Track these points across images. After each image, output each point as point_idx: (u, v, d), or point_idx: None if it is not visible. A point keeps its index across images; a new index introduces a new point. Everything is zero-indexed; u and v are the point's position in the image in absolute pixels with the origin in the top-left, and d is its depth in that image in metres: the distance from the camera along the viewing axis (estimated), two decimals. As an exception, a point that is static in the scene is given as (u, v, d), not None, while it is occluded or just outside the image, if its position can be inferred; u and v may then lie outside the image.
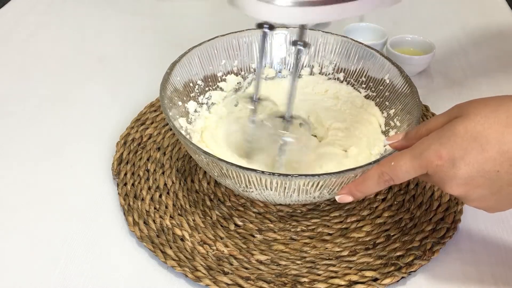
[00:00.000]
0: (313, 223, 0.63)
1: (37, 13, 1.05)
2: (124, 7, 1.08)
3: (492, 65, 0.90)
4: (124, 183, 0.66)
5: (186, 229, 0.61)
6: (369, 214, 0.64)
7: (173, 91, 0.66)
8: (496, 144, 0.45)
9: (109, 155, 0.72)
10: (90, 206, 0.65)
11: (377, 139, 0.68)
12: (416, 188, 0.66)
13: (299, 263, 0.58)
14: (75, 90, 0.85)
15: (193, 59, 0.70)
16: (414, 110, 0.62)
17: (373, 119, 0.70)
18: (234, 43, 0.73)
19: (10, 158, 0.72)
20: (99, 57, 0.93)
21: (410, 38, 0.88)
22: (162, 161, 0.70)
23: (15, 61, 0.92)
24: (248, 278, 0.56)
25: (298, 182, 0.53)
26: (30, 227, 0.63)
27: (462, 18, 1.04)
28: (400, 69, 0.67)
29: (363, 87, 0.73)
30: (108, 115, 0.79)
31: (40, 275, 0.57)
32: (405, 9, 1.07)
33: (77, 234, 0.62)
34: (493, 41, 0.97)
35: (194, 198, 0.65)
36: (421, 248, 0.59)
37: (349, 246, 0.60)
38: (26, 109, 0.81)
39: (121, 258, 0.59)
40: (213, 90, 0.73)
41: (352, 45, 0.73)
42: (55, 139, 0.75)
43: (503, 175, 0.45)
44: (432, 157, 0.46)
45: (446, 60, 0.91)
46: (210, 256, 0.59)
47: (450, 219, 0.62)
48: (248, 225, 0.62)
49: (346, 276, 0.56)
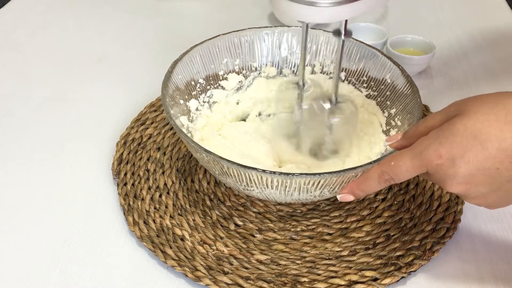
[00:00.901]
0: (313, 223, 0.63)
1: (37, 13, 1.05)
2: (124, 7, 1.08)
3: (492, 65, 0.90)
4: (124, 183, 0.66)
5: (186, 229, 0.61)
6: (369, 214, 0.64)
7: (175, 90, 0.66)
8: (496, 141, 0.45)
9: (109, 155, 0.72)
10: (90, 206, 0.65)
11: (378, 138, 0.68)
12: (416, 188, 0.66)
13: (299, 263, 0.58)
14: (75, 90, 0.85)
15: (194, 58, 0.70)
16: (415, 109, 0.62)
17: (374, 118, 0.70)
18: (236, 41, 0.73)
19: (10, 158, 0.72)
20: (99, 57, 0.93)
21: (410, 38, 0.88)
22: (162, 161, 0.70)
23: (15, 61, 0.92)
24: (248, 278, 0.56)
25: (298, 181, 0.53)
26: (30, 227, 0.63)
27: (462, 18, 1.05)
28: (401, 68, 0.67)
29: (364, 87, 0.73)
30: (108, 115, 0.79)
31: (40, 275, 0.57)
32: (405, 9, 1.07)
33: (77, 234, 0.62)
34: (493, 41, 0.97)
35: (194, 198, 0.65)
36: (421, 248, 0.59)
37: (349, 246, 0.60)
38: (26, 109, 0.81)
39: (121, 258, 0.59)
40: (214, 89, 0.73)
41: (353, 45, 0.73)
42: (55, 139, 0.75)
43: (503, 172, 0.45)
44: (432, 156, 0.46)
45: (446, 60, 0.91)
46: (210, 256, 0.59)
47: (450, 219, 0.62)
48: (248, 225, 0.62)
49: (346, 276, 0.56)
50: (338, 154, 0.66)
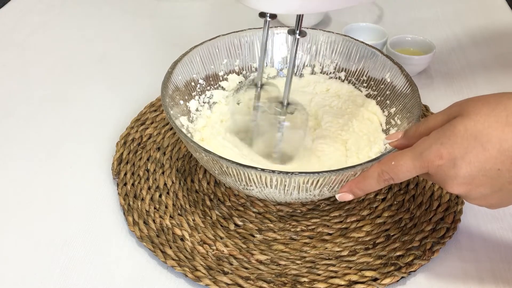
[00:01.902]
0: (313, 223, 0.63)
1: (37, 13, 1.05)
2: (124, 7, 1.08)
3: (492, 65, 0.90)
4: (124, 183, 0.66)
5: (186, 229, 0.61)
6: (369, 214, 0.64)
7: (175, 90, 0.66)
8: (497, 142, 0.45)
9: (109, 155, 0.72)
10: (90, 206, 0.65)
11: (378, 137, 0.68)
12: (416, 188, 0.66)
13: (299, 263, 0.58)
14: (75, 90, 0.85)
15: (194, 58, 0.70)
16: (415, 108, 0.62)
17: (374, 117, 0.70)
18: (235, 42, 0.73)
19: (10, 158, 0.72)
20: (99, 57, 0.93)
21: (410, 38, 0.88)
22: (162, 161, 0.70)
23: (15, 61, 0.92)
24: (248, 278, 0.56)
25: (298, 179, 0.53)
26: (30, 227, 0.63)
27: (462, 18, 1.04)
28: (401, 67, 0.68)
29: (364, 86, 0.73)
30: (108, 115, 0.79)
31: (40, 275, 0.57)
32: (405, 9, 1.07)
33: (77, 234, 0.62)
34: (493, 41, 0.97)
35: (194, 198, 0.65)
36: (421, 248, 0.59)
37: (349, 246, 0.60)
38: (26, 109, 0.81)
39: (121, 258, 0.59)
40: (214, 89, 0.73)
41: (353, 44, 0.73)
42: (55, 139, 0.75)
43: (504, 173, 0.45)
44: (433, 157, 0.46)
45: (446, 60, 0.91)
46: (210, 256, 0.59)
47: (450, 219, 0.62)
48: (248, 225, 0.62)
49: (346, 276, 0.56)
50: (291, 161, 0.66)
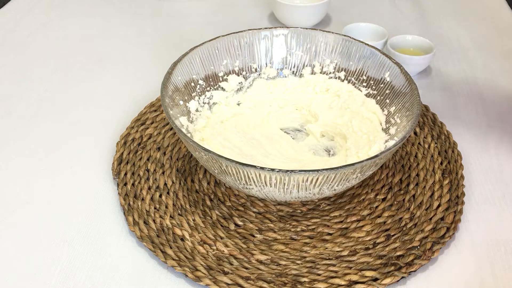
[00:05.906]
0: (313, 223, 0.63)
1: (37, 13, 1.05)
2: (124, 7, 1.08)
3: (492, 65, 0.90)
4: (124, 183, 0.66)
5: (186, 229, 0.61)
6: (369, 214, 0.64)
7: (174, 91, 0.66)
8: None
9: (109, 155, 0.72)
10: (90, 206, 0.65)
11: (377, 136, 0.68)
12: (416, 188, 0.66)
13: (299, 263, 0.58)
14: (75, 90, 0.85)
15: (194, 59, 0.70)
16: (414, 107, 0.62)
17: (373, 117, 0.70)
18: (235, 43, 0.73)
19: (10, 158, 0.72)
20: (99, 57, 0.93)
21: (410, 38, 0.88)
22: (162, 161, 0.70)
23: (15, 61, 0.92)
24: (248, 278, 0.56)
25: (297, 178, 0.53)
26: (30, 227, 0.63)
27: (462, 18, 1.05)
28: (400, 67, 0.68)
29: (363, 86, 0.73)
30: (108, 115, 0.79)
31: (40, 275, 0.57)
32: (405, 9, 1.07)
33: (77, 234, 0.62)
34: (493, 41, 0.97)
35: (194, 198, 0.65)
36: (421, 248, 0.59)
37: (349, 246, 0.60)
38: (26, 109, 0.81)
39: (121, 258, 0.59)
40: (214, 90, 0.73)
41: (352, 44, 0.73)
42: (55, 139, 0.75)
43: None
44: None
45: (446, 60, 0.91)
46: (210, 256, 0.59)
47: (450, 219, 0.62)
48: (248, 225, 0.62)
49: (346, 276, 0.56)
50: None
